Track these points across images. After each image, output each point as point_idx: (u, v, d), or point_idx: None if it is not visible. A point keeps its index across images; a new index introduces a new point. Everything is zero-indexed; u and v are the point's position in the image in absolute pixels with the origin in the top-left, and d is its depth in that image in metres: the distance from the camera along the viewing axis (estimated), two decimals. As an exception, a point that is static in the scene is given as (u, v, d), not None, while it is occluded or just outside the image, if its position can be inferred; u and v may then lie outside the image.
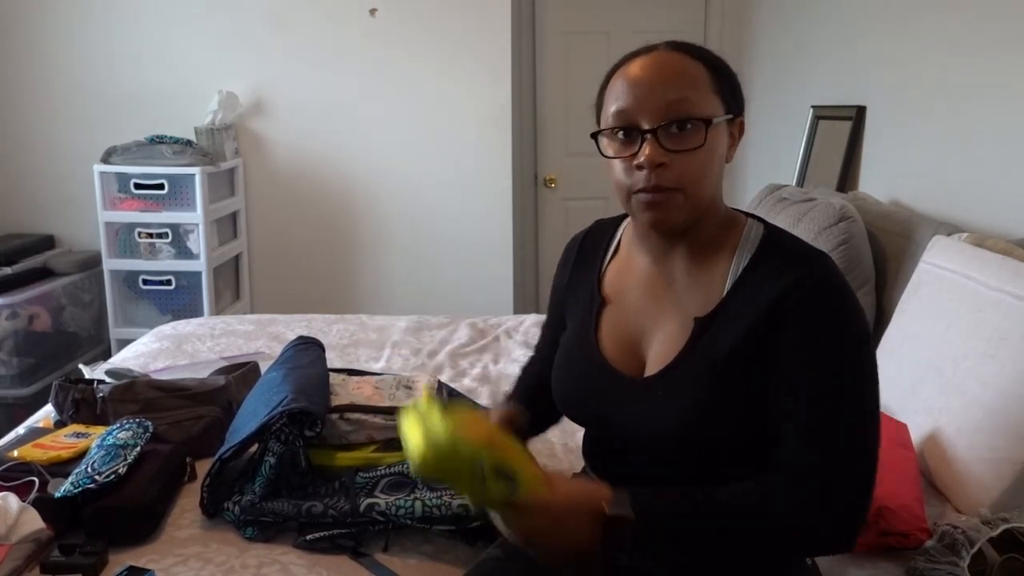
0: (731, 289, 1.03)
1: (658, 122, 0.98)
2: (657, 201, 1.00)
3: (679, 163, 0.98)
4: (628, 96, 1.00)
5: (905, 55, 2.47)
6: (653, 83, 0.99)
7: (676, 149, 0.98)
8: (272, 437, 1.42)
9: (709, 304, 1.03)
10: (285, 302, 3.71)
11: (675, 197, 1.00)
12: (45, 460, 1.50)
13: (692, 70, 1.01)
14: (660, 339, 1.07)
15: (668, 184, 0.99)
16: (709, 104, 1.00)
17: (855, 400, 0.97)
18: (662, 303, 1.08)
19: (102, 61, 3.52)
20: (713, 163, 1.01)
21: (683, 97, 0.99)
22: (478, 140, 3.61)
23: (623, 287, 1.14)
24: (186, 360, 2.29)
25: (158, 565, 1.28)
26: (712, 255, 1.06)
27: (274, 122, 3.61)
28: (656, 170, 0.98)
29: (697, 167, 0.99)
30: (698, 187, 1.00)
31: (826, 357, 0.96)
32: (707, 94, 1.00)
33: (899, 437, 1.53)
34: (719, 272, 1.05)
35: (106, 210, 3.29)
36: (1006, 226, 1.90)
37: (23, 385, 3.11)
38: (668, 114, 0.98)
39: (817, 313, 0.96)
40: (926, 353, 1.67)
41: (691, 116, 0.98)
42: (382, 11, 3.51)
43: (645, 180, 0.99)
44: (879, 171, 2.60)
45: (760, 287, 1.00)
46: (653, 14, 4.02)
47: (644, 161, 0.98)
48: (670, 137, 0.99)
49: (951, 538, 1.24)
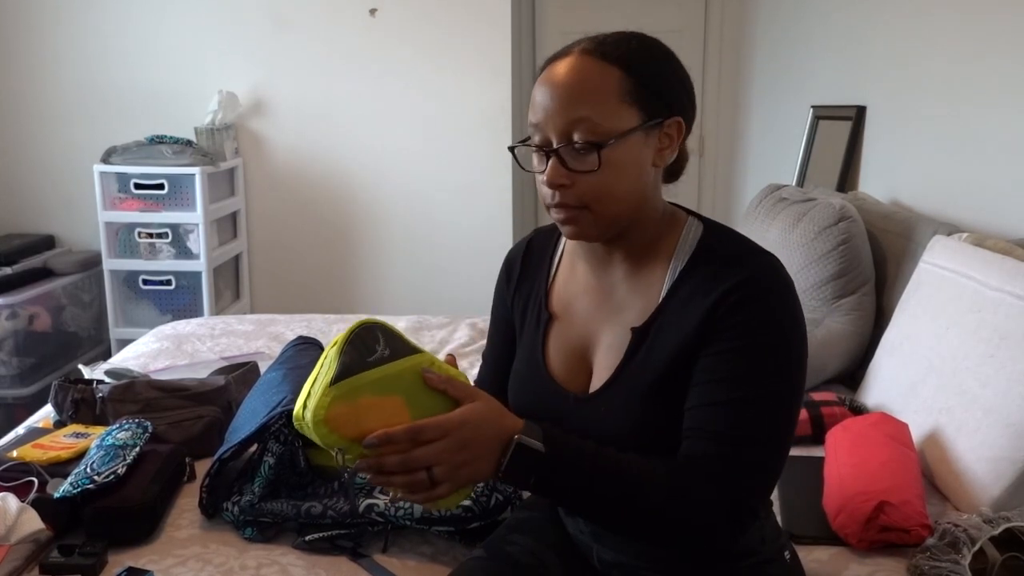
0: (666, 295, 1.00)
1: (561, 141, 0.96)
2: (566, 218, 0.99)
3: (581, 182, 0.96)
4: (539, 110, 0.98)
5: (905, 55, 2.47)
6: (557, 98, 0.96)
7: (577, 169, 0.96)
8: (271, 437, 1.42)
9: (646, 312, 1.01)
10: (285, 302, 3.71)
11: (583, 214, 0.98)
12: (45, 460, 1.50)
13: (600, 80, 0.95)
14: (603, 351, 1.06)
15: (572, 203, 0.97)
16: (616, 118, 0.95)
17: (770, 402, 0.94)
18: (604, 313, 1.06)
19: (102, 61, 3.52)
20: (622, 179, 0.97)
21: (581, 117, 0.94)
22: (478, 140, 3.61)
23: (569, 299, 1.11)
24: (186, 360, 2.29)
25: (157, 566, 1.28)
26: (650, 260, 1.03)
27: (274, 122, 3.61)
28: (559, 189, 0.97)
29: (599, 187, 0.96)
30: (603, 205, 0.97)
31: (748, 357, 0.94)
32: (615, 106, 0.95)
33: (900, 436, 1.53)
34: (656, 278, 1.02)
35: (106, 210, 3.29)
36: (1006, 226, 1.90)
37: (23, 385, 3.11)
38: (567, 133, 0.95)
39: (743, 317, 0.94)
40: (926, 353, 1.67)
41: (586, 139, 0.94)
42: (382, 11, 3.51)
43: (551, 197, 0.99)
44: (879, 171, 2.60)
45: (693, 294, 0.98)
46: (653, 14, 4.02)
47: (545, 181, 0.98)
48: (572, 156, 0.96)
49: (952, 536, 1.24)
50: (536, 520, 1.20)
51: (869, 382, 1.88)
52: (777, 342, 0.95)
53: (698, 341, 0.96)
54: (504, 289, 1.22)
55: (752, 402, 0.94)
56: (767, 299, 0.95)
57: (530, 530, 1.17)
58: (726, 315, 0.94)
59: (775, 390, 0.95)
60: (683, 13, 4.02)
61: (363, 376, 0.89)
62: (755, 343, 0.94)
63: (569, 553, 1.16)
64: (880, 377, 1.84)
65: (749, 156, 3.93)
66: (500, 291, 1.23)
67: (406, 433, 0.86)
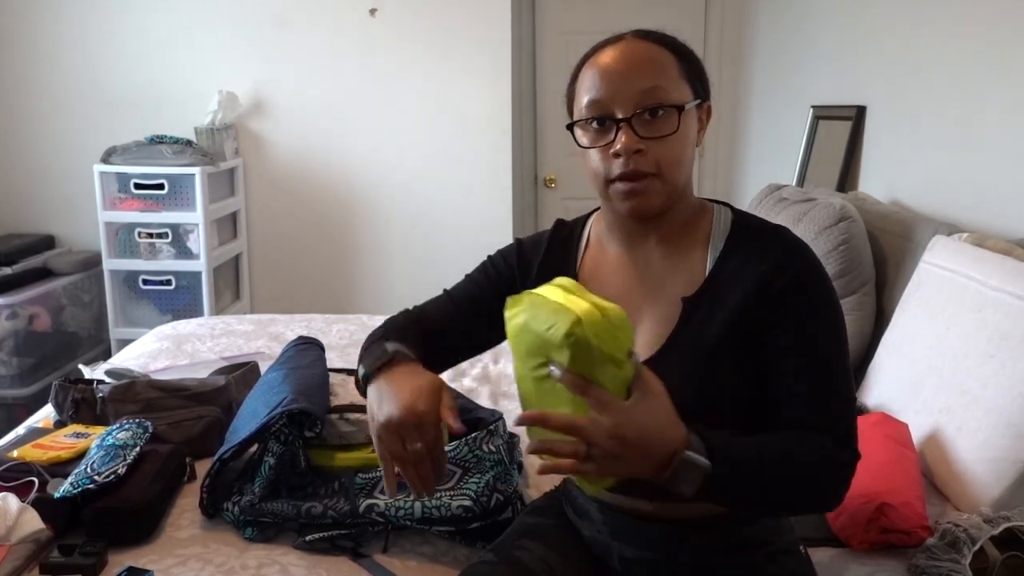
0: (714, 268, 1.06)
1: (632, 110, 1.01)
2: (635, 188, 1.02)
3: (655, 149, 1.01)
4: (600, 86, 1.03)
5: (905, 55, 2.47)
6: (624, 72, 1.02)
7: (651, 136, 1.01)
8: (272, 437, 1.42)
9: (693, 286, 1.06)
10: (285, 302, 3.71)
11: (653, 183, 1.02)
12: (45, 460, 1.50)
13: (660, 57, 1.04)
14: (647, 325, 1.08)
15: (646, 169, 1.01)
16: (679, 90, 1.03)
17: (843, 357, 1.03)
18: (644, 289, 1.10)
19: (102, 61, 3.53)
20: (686, 148, 1.04)
21: (655, 85, 1.01)
22: (478, 140, 3.61)
23: (601, 281, 1.14)
24: (186, 360, 2.29)
25: (158, 566, 1.28)
26: (686, 241, 1.09)
27: (274, 122, 3.61)
28: (633, 157, 1.01)
29: (673, 152, 1.02)
30: (674, 172, 1.03)
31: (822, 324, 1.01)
32: (677, 80, 1.03)
33: (900, 436, 1.53)
34: (697, 257, 1.08)
35: (106, 210, 3.29)
36: (1006, 226, 1.90)
37: (23, 385, 3.11)
38: (641, 102, 1.01)
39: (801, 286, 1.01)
40: (926, 353, 1.67)
41: (663, 103, 1.01)
42: (382, 11, 3.51)
43: (623, 166, 1.02)
44: (879, 171, 2.60)
45: (741, 268, 1.04)
46: (653, 14, 4.01)
47: (621, 148, 1.01)
48: (644, 124, 1.01)
49: (952, 536, 1.24)
50: (547, 527, 1.20)
51: (869, 382, 1.88)
52: (832, 301, 1.03)
53: (757, 305, 1.01)
54: (510, 270, 1.21)
55: (833, 361, 1.01)
56: (816, 267, 1.04)
57: (541, 537, 1.17)
58: (787, 285, 1.01)
59: (839, 346, 1.03)
60: (683, 13, 4.03)
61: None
62: (818, 306, 1.01)
63: (583, 560, 1.15)
64: (880, 377, 1.84)
65: (749, 156, 3.93)
66: (500, 269, 1.22)
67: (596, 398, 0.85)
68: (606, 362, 0.84)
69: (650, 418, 0.87)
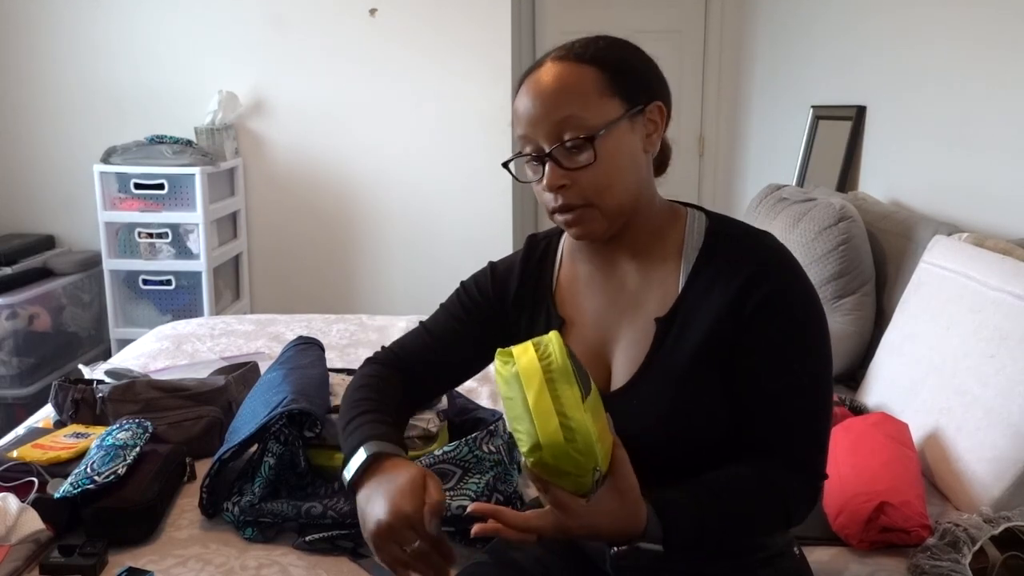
0: (686, 284, 1.03)
1: (552, 143, 0.98)
2: (571, 220, 1.01)
3: (580, 180, 0.98)
4: (524, 120, 1.01)
5: (905, 55, 2.47)
6: (539, 105, 0.99)
7: (573, 167, 0.98)
8: (272, 438, 1.42)
9: (666, 302, 1.03)
10: (285, 302, 3.71)
11: (588, 212, 1.00)
12: (45, 460, 1.50)
13: (576, 80, 0.98)
14: (624, 345, 1.06)
15: (576, 202, 0.99)
16: (600, 110, 0.98)
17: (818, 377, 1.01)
18: (619, 308, 1.07)
19: (102, 61, 3.52)
20: (619, 169, 0.99)
21: (567, 115, 0.97)
22: (478, 140, 3.61)
23: (578, 302, 1.11)
24: (186, 360, 2.29)
25: (157, 566, 1.28)
26: (658, 253, 1.06)
27: (274, 122, 3.61)
28: (560, 192, 0.99)
29: (598, 180, 0.98)
30: (605, 198, 0.99)
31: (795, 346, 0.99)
32: (597, 100, 0.98)
33: (900, 436, 1.53)
34: (670, 268, 1.05)
35: (106, 210, 3.28)
36: (1006, 226, 1.90)
37: (23, 385, 3.10)
38: (558, 134, 0.98)
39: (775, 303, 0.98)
40: (926, 353, 1.67)
41: (576, 135, 0.97)
42: (382, 11, 3.51)
43: (554, 201, 1.01)
44: (879, 171, 2.60)
45: (715, 280, 1.01)
46: (653, 14, 4.02)
47: (545, 186, 1.00)
48: (566, 156, 0.98)
49: (953, 536, 1.24)
50: None
51: (869, 382, 1.88)
52: (808, 318, 1.00)
53: (730, 327, 0.99)
54: (486, 298, 1.18)
55: (806, 382, 0.99)
56: (792, 282, 1.00)
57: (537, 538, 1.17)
58: (759, 305, 0.98)
59: (817, 365, 1.01)
60: (683, 13, 4.02)
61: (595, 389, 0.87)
62: (792, 327, 0.99)
63: (577, 561, 1.15)
64: (880, 377, 1.84)
65: (749, 156, 3.93)
66: (475, 298, 1.18)
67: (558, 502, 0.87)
68: (566, 475, 0.85)
69: (603, 520, 0.88)
